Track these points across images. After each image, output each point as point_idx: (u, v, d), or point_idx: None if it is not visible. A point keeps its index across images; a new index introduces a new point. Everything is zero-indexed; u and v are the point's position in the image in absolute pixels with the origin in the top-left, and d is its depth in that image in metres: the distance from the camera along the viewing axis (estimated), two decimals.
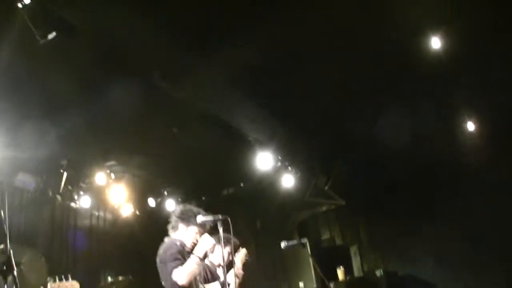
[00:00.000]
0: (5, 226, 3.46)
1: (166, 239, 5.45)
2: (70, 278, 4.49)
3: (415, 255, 9.48)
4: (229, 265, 5.85)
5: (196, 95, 6.92)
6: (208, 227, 5.46)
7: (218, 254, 6.13)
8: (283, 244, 7.02)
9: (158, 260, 5.29)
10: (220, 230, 5.07)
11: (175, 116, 7.67)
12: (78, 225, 10.47)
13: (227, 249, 5.97)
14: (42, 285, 4.30)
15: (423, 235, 9.28)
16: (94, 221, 10.95)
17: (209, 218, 5.21)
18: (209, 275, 6.01)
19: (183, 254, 5.16)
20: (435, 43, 6.88)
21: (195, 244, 5.32)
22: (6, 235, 3.46)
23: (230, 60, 6.65)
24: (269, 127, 8.36)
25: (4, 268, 3.33)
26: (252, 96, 7.58)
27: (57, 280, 4.33)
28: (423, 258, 9.34)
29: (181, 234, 5.43)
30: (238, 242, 6.39)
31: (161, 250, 5.27)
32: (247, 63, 6.79)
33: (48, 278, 4.31)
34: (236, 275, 5.86)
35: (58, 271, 9.36)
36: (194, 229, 5.40)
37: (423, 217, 9.24)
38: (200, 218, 5.25)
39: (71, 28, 5.57)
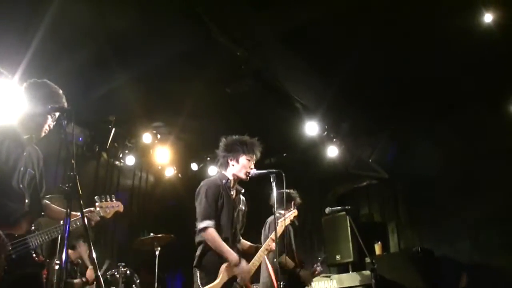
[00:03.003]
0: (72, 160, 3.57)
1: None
2: (114, 199, 4.55)
3: (452, 236, 9.37)
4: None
5: (251, 53, 6.92)
6: (257, 152, 5.36)
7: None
8: (327, 210, 7.07)
9: None
10: (273, 184, 5.04)
11: (227, 75, 7.66)
12: (120, 183, 10.60)
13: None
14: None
15: (462, 217, 9.18)
16: (136, 182, 11.07)
17: (262, 171, 5.19)
18: None
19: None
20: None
21: (248, 173, 5.27)
22: (73, 165, 3.55)
23: (285, 20, 6.65)
24: (318, 93, 8.31)
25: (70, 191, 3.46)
26: (304, 59, 7.56)
27: (103, 199, 4.41)
28: (460, 240, 9.23)
29: (233, 168, 5.32)
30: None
31: None
32: (301, 24, 6.79)
33: (96, 197, 4.38)
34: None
35: (98, 227, 9.59)
36: (244, 158, 5.29)
37: (463, 199, 9.12)
38: (253, 172, 5.24)
39: None
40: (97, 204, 4.39)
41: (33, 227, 3.91)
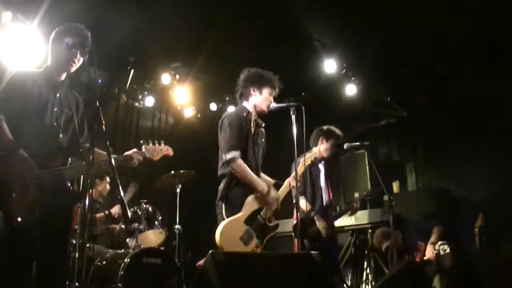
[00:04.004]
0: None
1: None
2: (163, 143, 4.66)
3: (469, 177, 9.37)
4: None
5: None
6: (277, 88, 5.38)
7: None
8: (346, 145, 7.11)
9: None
10: (293, 117, 5.06)
11: (244, 13, 7.61)
12: (140, 125, 10.69)
13: None
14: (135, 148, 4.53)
15: (481, 159, 9.12)
16: (156, 123, 11.16)
17: (281, 105, 5.21)
18: None
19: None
20: None
21: (269, 106, 5.28)
22: (96, 97, 3.65)
23: None
24: (337, 31, 8.24)
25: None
26: None
27: (150, 143, 4.53)
28: (478, 181, 9.22)
29: (255, 99, 5.33)
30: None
31: None
32: None
33: (142, 141, 4.51)
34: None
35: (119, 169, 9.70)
36: (267, 90, 5.32)
37: (481, 140, 9.07)
38: (273, 105, 5.27)
39: None
40: (143, 146, 4.53)
41: (69, 161, 4.02)
